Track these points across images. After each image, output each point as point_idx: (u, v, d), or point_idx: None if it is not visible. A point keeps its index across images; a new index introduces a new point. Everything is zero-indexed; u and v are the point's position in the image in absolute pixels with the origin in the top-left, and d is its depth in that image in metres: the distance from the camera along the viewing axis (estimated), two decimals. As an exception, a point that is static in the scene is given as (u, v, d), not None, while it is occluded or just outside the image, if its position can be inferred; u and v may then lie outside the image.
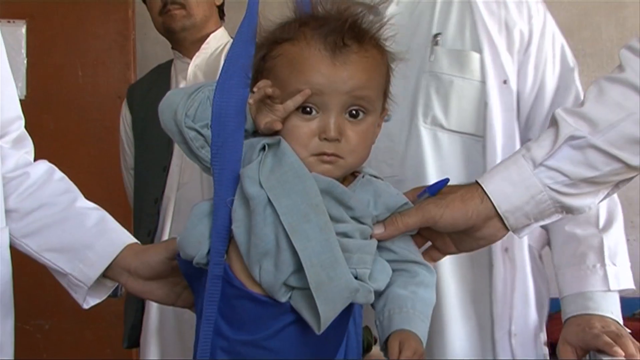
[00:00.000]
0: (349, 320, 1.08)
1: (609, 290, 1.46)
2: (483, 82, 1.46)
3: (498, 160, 1.43)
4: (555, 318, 2.73)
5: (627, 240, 3.17)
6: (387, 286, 1.07)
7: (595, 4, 3.11)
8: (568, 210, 1.11)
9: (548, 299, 1.60)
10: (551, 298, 2.77)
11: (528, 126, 1.52)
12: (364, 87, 1.04)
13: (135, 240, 1.28)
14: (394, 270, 1.08)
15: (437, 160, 1.43)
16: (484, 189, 1.10)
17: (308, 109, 1.03)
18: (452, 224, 1.09)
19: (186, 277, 1.13)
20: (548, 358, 2.44)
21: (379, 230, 1.07)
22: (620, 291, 1.47)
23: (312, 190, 1.00)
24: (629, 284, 1.48)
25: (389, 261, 1.08)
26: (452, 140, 1.45)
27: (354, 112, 1.04)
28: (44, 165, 1.33)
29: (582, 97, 1.52)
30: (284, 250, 0.98)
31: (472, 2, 1.49)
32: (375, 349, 1.20)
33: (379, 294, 1.07)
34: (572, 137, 1.08)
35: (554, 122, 1.11)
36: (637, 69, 1.08)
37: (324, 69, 1.02)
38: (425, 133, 1.45)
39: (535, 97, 1.51)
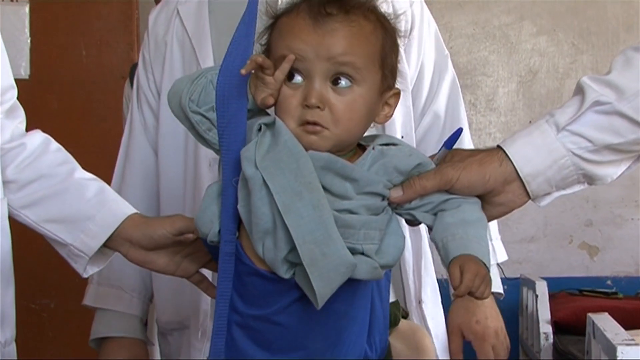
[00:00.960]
0: (364, 296, 1.09)
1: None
2: None
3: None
4: (557, 297, 2.76)
5: (632, 219, 3.20)
6: (436, 219, 1.07)
7: (601, -17, 3.10)
8: (590, 179, 1.09)
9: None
10: (551, 278, 2.80)
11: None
12: (345, 53, 1.03)
13: (135, 211, 1.29)
14: (437, 213, 1.07)
15: None
16: (506, 151, 1.08)
17: (294, 76, 1.04)
18: (469, 187, 1.06)
19: (212, 255, 1.15)
20: (552, 336, 2.47)
21: (396, 193, 1.06)
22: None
23: (306, 168, 1.00)
24: (504, 256, 1.64)
25: (430, 210, 1.08)
26: None
27: (338, 79, 1.03)
28: (40, 136, 1.33)
29: (457, 81, 1.64)
30: (280, 228, 0.99)
31: None
32: (404, 322, 1.21)
33: (430, 228, 1.07)
34: (598, 103, 1.06)
35: (579, 90, 1.09)
36: None
37: (305, 35, 1.03)
38: None
39: (417, 78, 1.57)
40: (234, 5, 1.47)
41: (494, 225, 1.59)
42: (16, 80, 1.35)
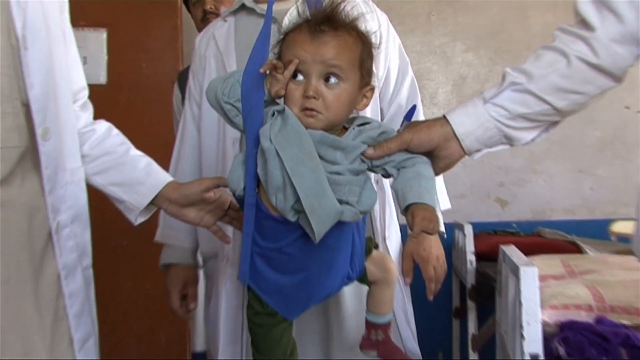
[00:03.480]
0: (347, 233, 1.08)
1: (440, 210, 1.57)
2: None
3: None
4: (479, 236, 2.77)
5: (530, 181, 3.18)
6: (399, 174, 1.06)
7: (508, 14, 3.07)
8: (510, 140, 1.09)
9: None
10: (475, 222, 2.80)
11: (379, 99, 1.57)
12: (334, 58, 1.03)
13: (172, 179, 1.30)
14: (399, 169, 1.07)
15: None
16: (447, 118, 1.08)
17: (297, 75, 1.04)
18: (419, 145, 1.07)
19: (239, 205, 1.15)
20: (475, 262, 2.48)
21: (370, 151, 1.06)
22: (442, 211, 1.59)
23: (307, 143, 1.01)
24: (448, 205, 1.64)
25: (396, 165, 1.07)
26: None
27: (329, 77, 1.03)
28: (105, 124, 1.34)
29: (415, 80, 1.64)
30: (288, 186, 0.99)
31: None
32: (375, 252, 1.21)
33: (393, 181, 1.06)
34: (513, 84, 1.06)
35: (503, 76, 1.10)
36: (564, 41, 1.06)
37: (305, 45, 1.03)
38: None
39: (384, 79, 1.57)
40: (252, 30, 1.48)
41: (440, 182, 1.58)
42: (96, 85, 1.34)
